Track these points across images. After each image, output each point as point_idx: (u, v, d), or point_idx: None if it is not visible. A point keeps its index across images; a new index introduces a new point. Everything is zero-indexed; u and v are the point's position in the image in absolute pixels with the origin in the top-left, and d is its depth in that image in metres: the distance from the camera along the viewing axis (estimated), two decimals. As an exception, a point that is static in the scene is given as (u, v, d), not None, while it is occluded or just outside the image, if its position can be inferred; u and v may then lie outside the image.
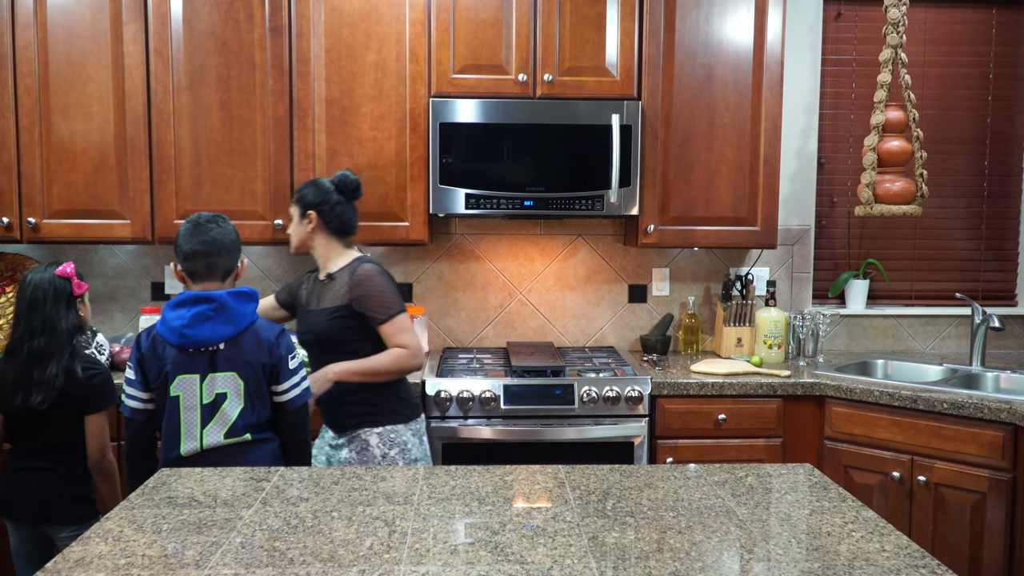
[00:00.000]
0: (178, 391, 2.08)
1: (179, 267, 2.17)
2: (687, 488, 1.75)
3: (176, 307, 2.10)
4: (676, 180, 3.14)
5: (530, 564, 1.37)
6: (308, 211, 2.46)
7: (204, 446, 2.09)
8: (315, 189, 2.48)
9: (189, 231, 2.15)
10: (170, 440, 2.10)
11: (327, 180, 2.52)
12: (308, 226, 2.46)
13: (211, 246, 2.14)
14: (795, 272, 3.56)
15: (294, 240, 2.51)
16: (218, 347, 2.09)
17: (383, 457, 2.40)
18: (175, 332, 2.07)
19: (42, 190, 3.02)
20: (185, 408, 2.08)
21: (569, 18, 3.04)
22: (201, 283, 2.15)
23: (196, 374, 2.08)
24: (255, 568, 1.35)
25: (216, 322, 2.08)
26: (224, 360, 2.09)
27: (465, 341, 3.51)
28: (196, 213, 2.22)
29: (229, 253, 2.18)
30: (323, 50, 3.02)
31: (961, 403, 2.61)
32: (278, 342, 2.17)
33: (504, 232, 3.48)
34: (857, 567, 1.37)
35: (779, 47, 3.11)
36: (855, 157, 3.53)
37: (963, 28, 3.56)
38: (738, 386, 2.90)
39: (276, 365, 2.16)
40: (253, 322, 2.15)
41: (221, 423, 2.10)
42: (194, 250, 2.13)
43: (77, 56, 2.99)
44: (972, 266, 3.65)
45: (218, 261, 2.15)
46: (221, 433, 2.10)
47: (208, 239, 2.14)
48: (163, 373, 2.08)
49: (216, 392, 2.09)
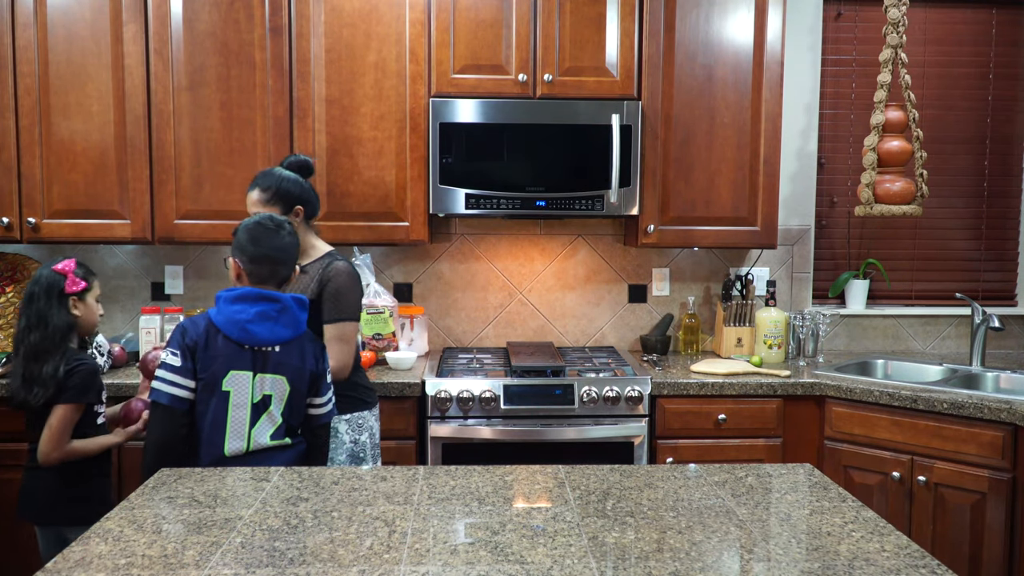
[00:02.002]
0: (230, 386, 2.02)
1: (241, 264, 2.10)
2: (687, 488, 1.75)
3: (237, 301, 2.04)
4: (676, 180, 3.14)
5: (530, 564, 1.37)
6: (295, 206, 2.41)
7: (251, 447, 2.04)
8: (290, 182, 2.42)
9: (261, 235, 2.09)
10: (214, 437, 2.02)
11: (283, 169, 2.45)
12: (295, 220, 2.41)
13: (282, 254, 2.11)
14: (795, 272, 3.56)
15: None
16: (273, 348, 2.06)
17: (354, 443, 2.44)
18: (237, 325, 2.01)
19: (42, 190, 3.02)
20: (235, 406, 2.02)
21: (569, 18, 3.05)
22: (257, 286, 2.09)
23: (248, 371, 2.03)
24: (255, 568, 1.35)
25: (278, 323, 2.05)
26: (275, 363, 2.06)
27: (465, 341, 3.51)
28: (264, 214, 2.17)
29: (293, 263, 2.16)
30: (323, 50, 3.02)
31: (961, 403, 2.61)
32: (324, 355, 2.17)
33: (504, 232, 3.48)
34: (857, 567, 1.37)
35: (779, 47, 3.11)
36: (855, 157, 3.53)
37: (963, 28, 3.56)
38: (738, 386, 2.90)
39: (320, 376, 2.15)
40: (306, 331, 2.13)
41: (270, 423, 2.06)
42: (266, 255, 2.08)
43: (77, 56, 2.99)
44: (972, 266, 3.65)
45: (281, 269, 2.12)
46: (268, 434, 2.06)
47: (282, 246, 2.11)
48: (213, 366, 2.01)
49: (264, 393, 2.05)
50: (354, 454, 2.45)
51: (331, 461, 2.41)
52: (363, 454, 2.46)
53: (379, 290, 3.17)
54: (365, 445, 2.47)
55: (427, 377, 2.87)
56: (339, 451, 2.42)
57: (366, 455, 2.47)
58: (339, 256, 2.46)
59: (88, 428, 2.34)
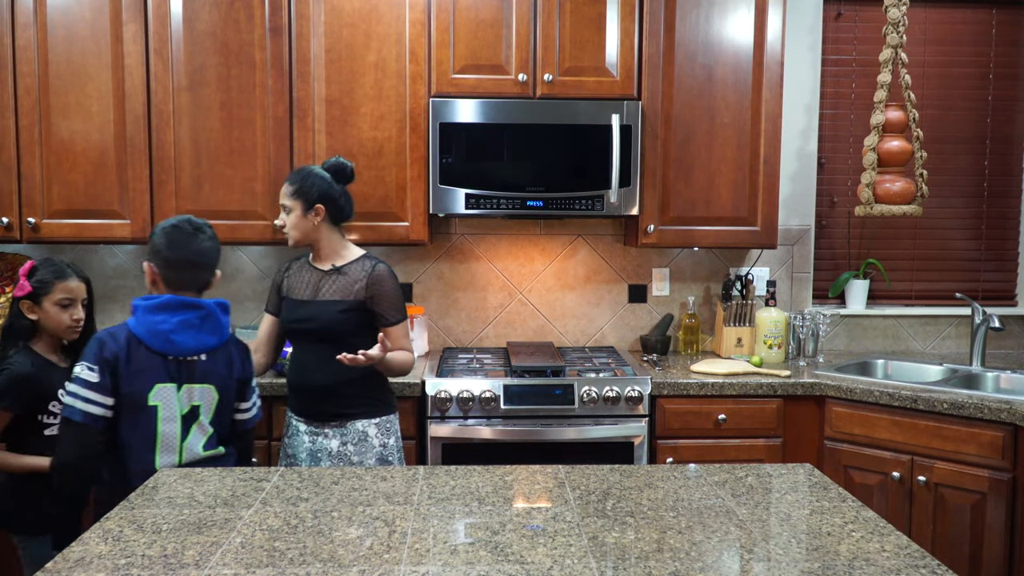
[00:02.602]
0: (157, 400, 1.97)
1: (156, 270, 2.04)
2: (687, 488, 1.75)
3: (158, 310, 1.98)
4: (676, 180, 3.14)
5: (530, 564, 1.37)
6: (316, 204, 2.40)
7: (183, 459, 2.00)
8: (317, 180, 2.42)
9: (179, 239, 2.04)
10: (143, 453, 1.97)
11: (320, 168, 2.46)
12: (315, 219, 2.41)
13: (202, 258, 2.06)
14: (795, 272, 3.56)
15: (296, 234, 2.43)
16: (199, 357, 2.02)
17: (383, 447, 2.42)
18: (160, 336, 1.96)
19: (42, 190, 3.02)
20: (164, 419, 1.98)
21: (569, 18, 3.04)
22: (175, 292, 2.04)
23: (174, 383, 1.99)
24: (255, 568, 1.35)
25: (202, 331, 2.01)
26: (202, 372, 2.02)
27: (465, 341, 3.51)
28: (182, 216, 2.11)
29: (214, 267, 2.11)
30: (323, 50, 3.02)
31: (961, 403, 2.61)
32: (249, 358, 2.15)
33: (504, 232, 3.48)
34: (857, 567, 1.37)
35: (779, 47, 3.11)
36: (855, 157, 3.53)
37: (963, 28, 3.56)
38: (738, 386, 2.90)
39: (247, 381, 2.13)
40: (230, 336, 2.10)
41: (201, 433, 2.04)
42: (185, 260, 2.03)
43: (77, 56, 2.99)
44: (972, 266, 3.65)
45: (202, 275, 2.08)
46: (201, 444, 2.03)
47: (201, 250, 2.06)
48: (137, 380, 1.95)
49: (192, 404, 2.02)
50: (383, 457, 2.42)
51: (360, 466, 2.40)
52: (391, 457, 2.44)
53: (379, 290, 3.16)
54: (393, 448, 2.46)
55: (427, 377, 2.87)
56: (369, 455, 2.39)
57: (394, 458, 2.45)
58: (377, 258, 2.47)
59: (33, 438, 2.21)
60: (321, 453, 2.40)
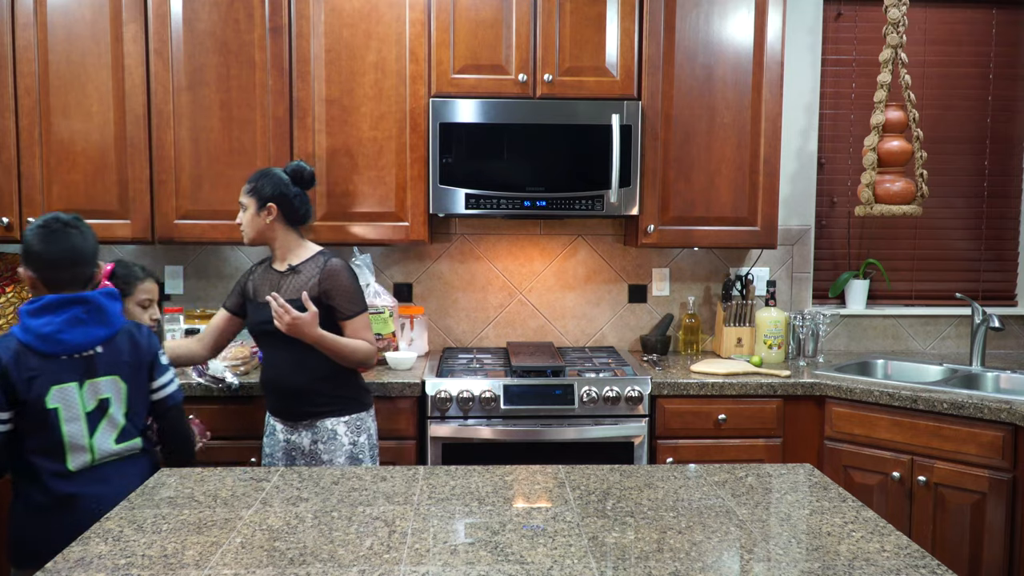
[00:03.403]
0: (56, 403, 1.93)
1: (32, 273, 1.99)
2: (687, 488, 1.75)
3: (40, 313, 1.93)
4: (676, 180, 3.14)
5: (530, 564, 1.37)
6: (267, 203, 2.45)
7: (96, 457, 1.98)
8: (272, 181, 2.47)
9: (49, 238, 1.98)
10: (51, 456, 1.94)
11: (280, 170, 2.52)
12: (267, 218, 2.46)
13: (77, 254, 2.00)
14: (795, 272, 3.56)
15: (249, 232, 2.49)
16: (95, 351, 1.98)
17: (352, 444, 2.45)
18: (46, 339, 1.92)
19: (42, 190, 3.02)
20: (67, 420, 1.94)
21: (569, 18, 3.04)
22: (57, 291, 1.99)
23: (73, 382, 1.95)
24: (255, 568, 1.35)
25: (90, 325, 1.97)
26: (103, 364, 1.99)
27: (465, 341, 3.51)
28: (49, 215, 2.03)
29: (92, 260, 2.05)
30: (323, 50, 3.02)
31: (961, 403, 2.61)
32: (150, 339, 2.13)
33: (504, 232, 3.48)
34: (857, 567, 1.37)
35: (779, 47, 3.11)
36: (855, 157, 3.53)
37: (963, 28, 3.56)
38: (738, 386, 2.90)
39: (152, 362, 2.11)
40: (123, 322, 2.08)
41: (111, 427, 2.01)
42: (60, 258, 1.97)
43: (77, 56, 2.99)
44: (972, 266, 3.65)
45: (82, 270, 2.02)
46: (112, 439, 2.01)
47: (73, 246, 2.00)
48: (33, 387, 1.90)
49: (99, 398, 1.99)
50: (353, 455, 2.45)
51: (330, 464, 2.42)
52: (362, 455, 2.47)
53: (379, 290, 3.17)
54: (364, 446, 2.49)
55: (427, 377, 2.87)
56: (338, 453, 2.43)
57: (365, 456, 2.48)
58: (330, 253, 2.51)
59: None
60: (296, 452, 2.46)
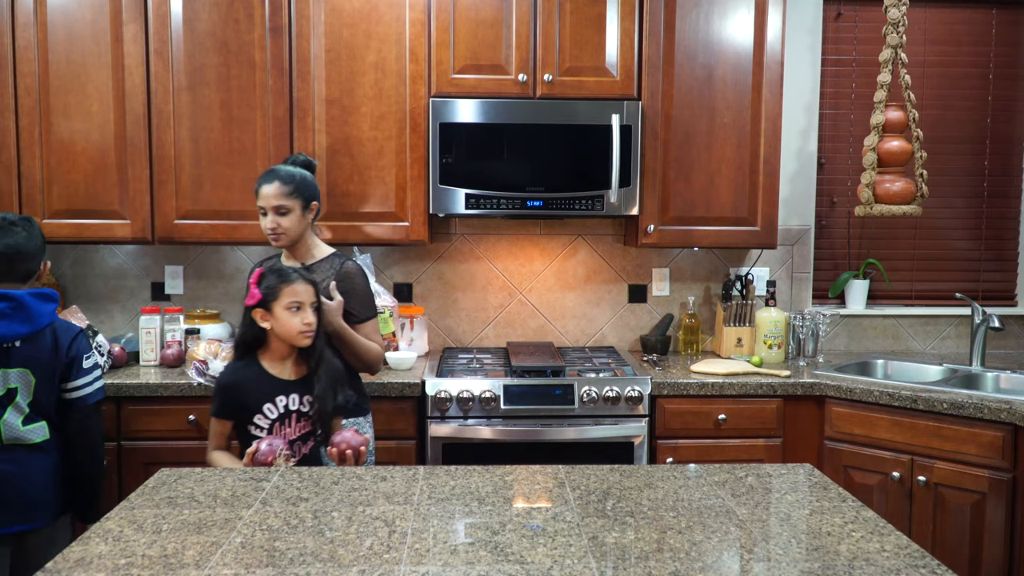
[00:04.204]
0: None
1: None
2: (687, 488, 1.75)
3: None
4: (676, 180, 3.14)
5: (530, 564, 1.36)
6: (312, 202, 2.47)
7: (4, 436, 2.16)
8: (309, 179, 2.48)
9: None
10: None
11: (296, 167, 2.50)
12: (311, 217, 2.48)
13: (15, 250, 2.21)
14: (795, 272, 3.56)
15: (295, 234, 2.44)
16: (13, 344, 2.15)
17: None
18: None
19: (42, 190, 3.02)
20: None
21: (569, 18, 3.04)
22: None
23: None
24: (255, 568, 1.35)
25: (13, 320, 2.14)
26: (19, 357, 2.17)
27: (465, 341, 3.51)
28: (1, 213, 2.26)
29: (33, 257, 2.26)
30: (323, 50, 3.02)
31: (961, 403, 2.61)
32: (74, 343, 2.26)
33: (504, 232, 3.48)
34: (857, 567, 1.37)
35: (779, 47, 3.11)
36: (855, 157, 3.53)
37: (963, 28, 3.56)
38: (738, 386, 2.90)
39: (70, 364, 2.24)
40: (52, 322, 2.22)
41: (17, 412, 2.18)
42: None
43: (77, 56, 2.99)
44: (972, 266, 3.65)
45: (19, 266, 2.23)
46: (19, 421, 2.18)
47: (13, 243, 2.21)
48: None
49: (8, 387, 2.16)
50: None
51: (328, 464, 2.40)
52: None
53: (379, 290, 3.16)
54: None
55: (427, 377, 2.87)
56: None
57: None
58: (344, 256, 2.51)
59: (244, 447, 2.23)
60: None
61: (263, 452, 2.06)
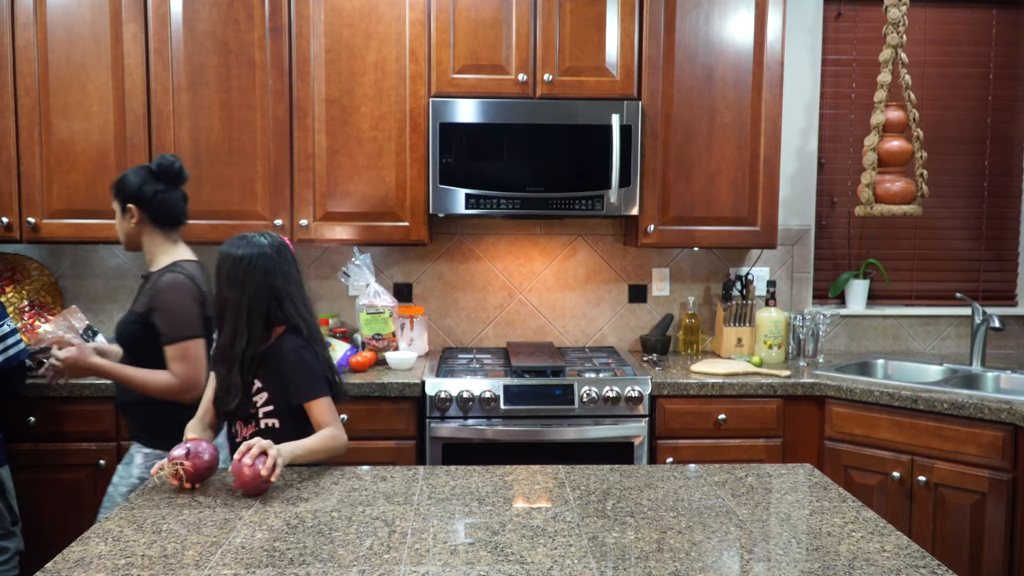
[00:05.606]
0: None
1: None
2: (687, 488, 1.75)
3: None
4: (676, 180, 3.14)
5: (530, 564, 1.36)
6: (127, 204, 2.29)
7: None
8: (129, 180, 2.29)
9: None
10: None
11: (142, 168, 2.34)
12: (131, 221, 2.29)
13: None
14: (795, 272, 3.56)
15: (120, 236, 2.35)
16: None
17: (140, 480, 2.23)
18: None
19: (42, 190, 3.02)
20: None
21: (569, 18, 3.04)
22: None
23: None
24: (255, 568, 1.35)
25: None
26: None
27: (465, 341, 3.51)
28: None
29: None
30: (323, 50, 3.02)
31: (961, 403, 2.61)
32: None
33: (504, 232, 3.48)
34: (857, 567, 1.37)
35: (779, 47, 3.11)
36: (855, 157, 3.53)
37: (963, 28, 3.56)
38: (738, 386, 2.90)
39: None
40: None
41: None
42: None
43: (77, 56, 2.99)
44: (972, 266, 3.65)
45: None
46: None
47: None
48: None
49: None
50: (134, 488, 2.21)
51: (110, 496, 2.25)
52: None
53: (379, 290, 3.17)
54: None
55: (427, 377, 2.86)
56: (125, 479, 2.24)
57: None
58: (178, 267, 2.27)
59: None
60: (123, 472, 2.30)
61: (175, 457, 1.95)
